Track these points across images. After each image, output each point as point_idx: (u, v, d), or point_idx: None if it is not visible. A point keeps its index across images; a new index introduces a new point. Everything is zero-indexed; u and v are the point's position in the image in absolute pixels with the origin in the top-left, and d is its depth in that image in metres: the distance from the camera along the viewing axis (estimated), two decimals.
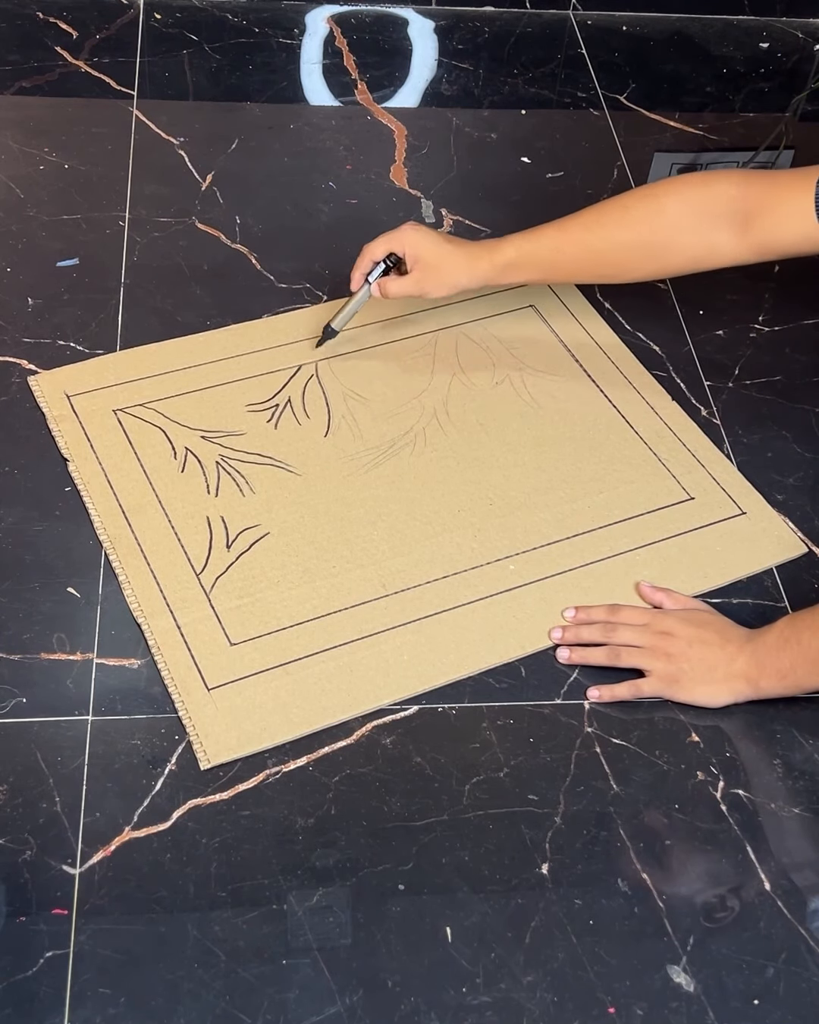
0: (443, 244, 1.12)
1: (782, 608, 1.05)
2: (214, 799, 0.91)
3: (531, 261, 1.12)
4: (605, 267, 1.12)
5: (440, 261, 1.12)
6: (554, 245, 1.11)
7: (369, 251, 1.14)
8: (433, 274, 1.13)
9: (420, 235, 1.12)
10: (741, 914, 0.87)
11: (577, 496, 1.12)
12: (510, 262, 1.12)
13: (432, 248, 1.12)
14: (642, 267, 1.12)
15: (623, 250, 1.10)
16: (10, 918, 0.84)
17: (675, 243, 1.08)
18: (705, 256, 1.09)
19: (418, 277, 1.13)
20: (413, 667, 0.98)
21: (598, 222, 1.10)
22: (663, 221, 1.08)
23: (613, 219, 1.10)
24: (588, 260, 1.12)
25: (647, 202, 1.09)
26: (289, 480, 1.11)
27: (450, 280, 1.13)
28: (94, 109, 1.50)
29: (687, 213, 1.07)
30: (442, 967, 0.83)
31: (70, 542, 1.06)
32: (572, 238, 1.11)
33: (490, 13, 1.71)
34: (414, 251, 1.12)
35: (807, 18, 1.76)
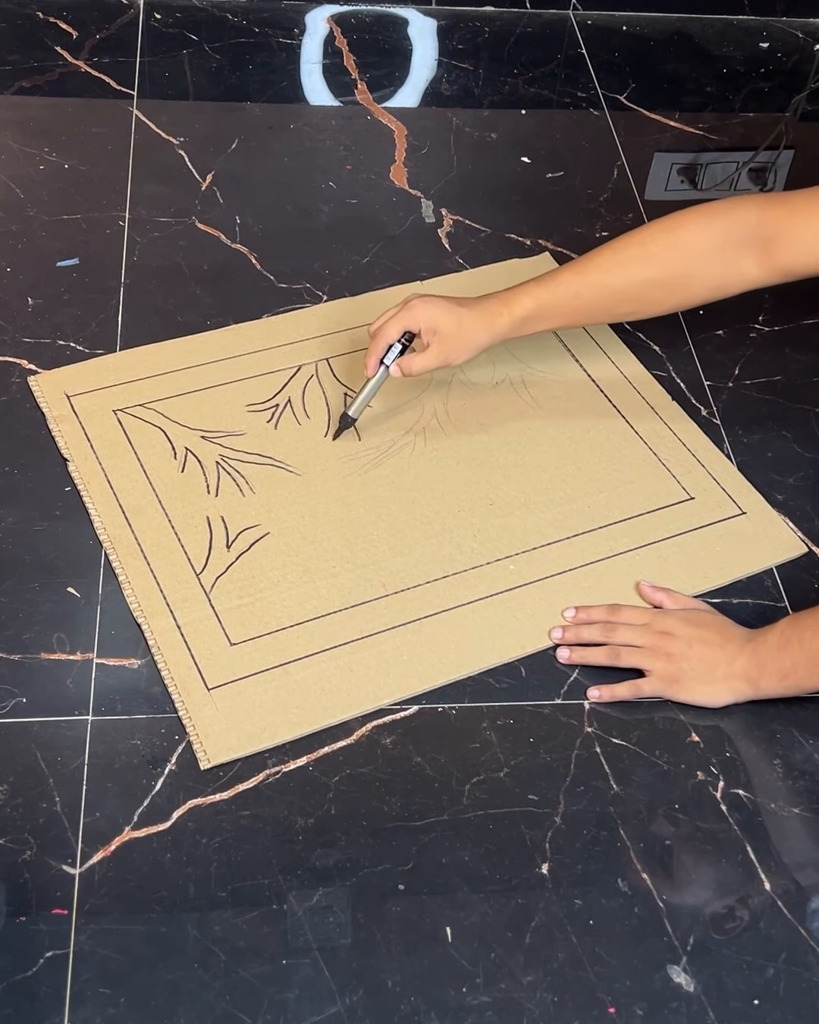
0: (457, 310, 1.08)
1: (782, 608, 1.05)
2: (214, 799, 0.91)
3: (550, 311, 1.09)
4: (627, 305, 1.10)
5: (459, 328, 1.08)
6: (573, 291, 1.08)
7: (382, 334, 1.09)
8: (454, 342, 1.08)
9: (431, 307, 1.08)
10: (741, 914, 0.87)
11: (577, 496, 1.12)
12: (529, 315, 1.08)
13: (447, 317, 1.07)
14: (665, 301, 1.10)
15: (644, 287, 1.08)
16: (10, 918, 0.84)
17: (697, 274, 1.07)
18: (728, 284, 1.07)
19: (439, 350, 1.08)
20: (413, 667, 0.98)
21: (616, 261, 1.07)
22: (684, 254, 1.06)
23: (631, 256, 1.07)
24: (609, 301, 1.09)
25: (665, 236, 1.06)
26: (289, 480, 1.11)
27: (472, 343, 1.09)
28: (94, 109, 1.50)
29: (707, 244, 1.05)
30: (442, 967, 0.83)
31: (70, 542, 1.06)
32: (590, 281, 1.08)
33: (490, 13, 1.71)
34: (430, 324, 1.08)
35: (807, 18, 1.76)
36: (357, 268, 1.33)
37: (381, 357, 1.10)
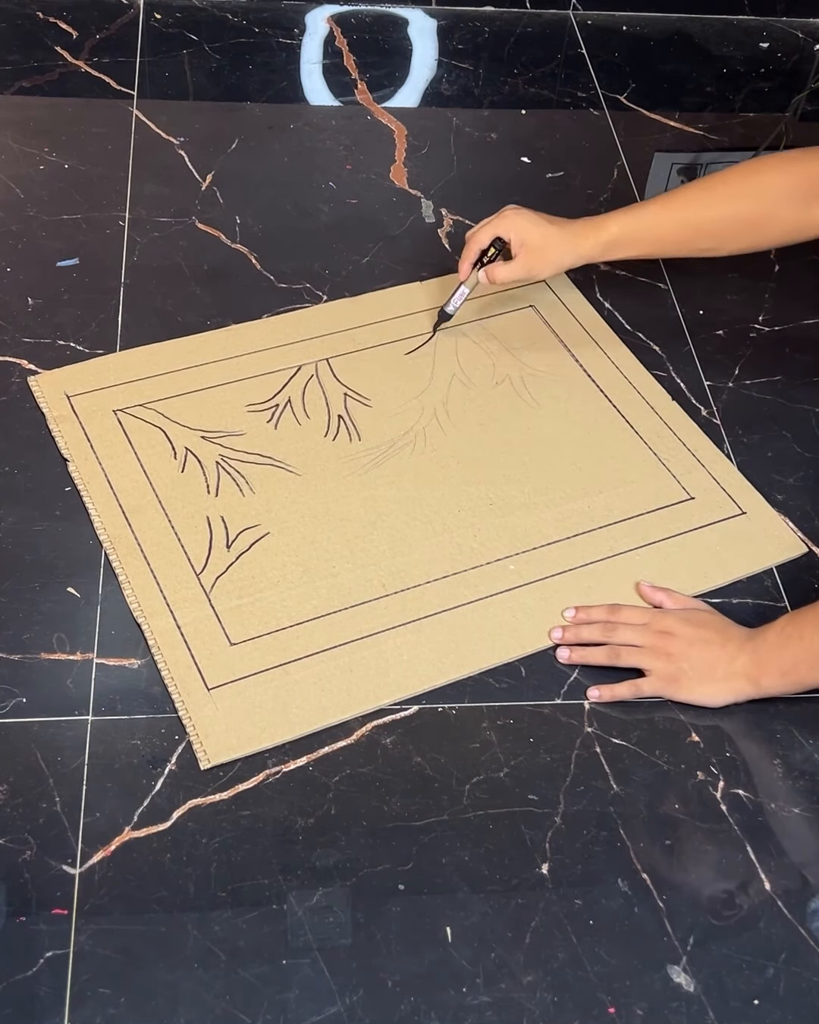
0: (547, 226, 1.14)
1: (782, 608, 1.05)
2: (214, 799, 0.91)
3: (634, 237, 1.14)
4: (705, 240, 1.15)
5: (546, 243, 1.14)
6: (655, 221, 1.14)
7: (475, 239, 1.16)
8: (539, 256, 1.15)
9: (523, 218, 1.14)
10: (741, 914, 0.87)
11: (577, 496, 1.12)
12: (613, 239, 1.14)
13: (537, 231, 1.14)
14: (740, 239, 1.15)
15: (724, 223, 1.13)
16: (10, 918, 0.84)
17: (773, 216, 1.12)
18: (803, 229, 1.13)
19: (525, 260, 1.15)
20: (413, 667, 0.98)
21: (699, 197, 1.14)
22: (762, 194, 1.11)
23: (714, 193, 1.13)
24: (689, 234, 1.15)
25: (747, 177, 1.13)
26: (289, 480, 1.11)
27: (556, 260, 1.15)
28: (94, 109, 1.50)
29: (785, 186, 1.11)
30: (442, 967, 0.83)
31: (70, 542, 1.06)
32: (673, 214, 1.14)
33: (490, 13, 1.71)
34: (520, 235, 1.14)
35: (807, 18, 1.76)
36: (357, 268, 1.33)
37: (473, 262, 1.17)
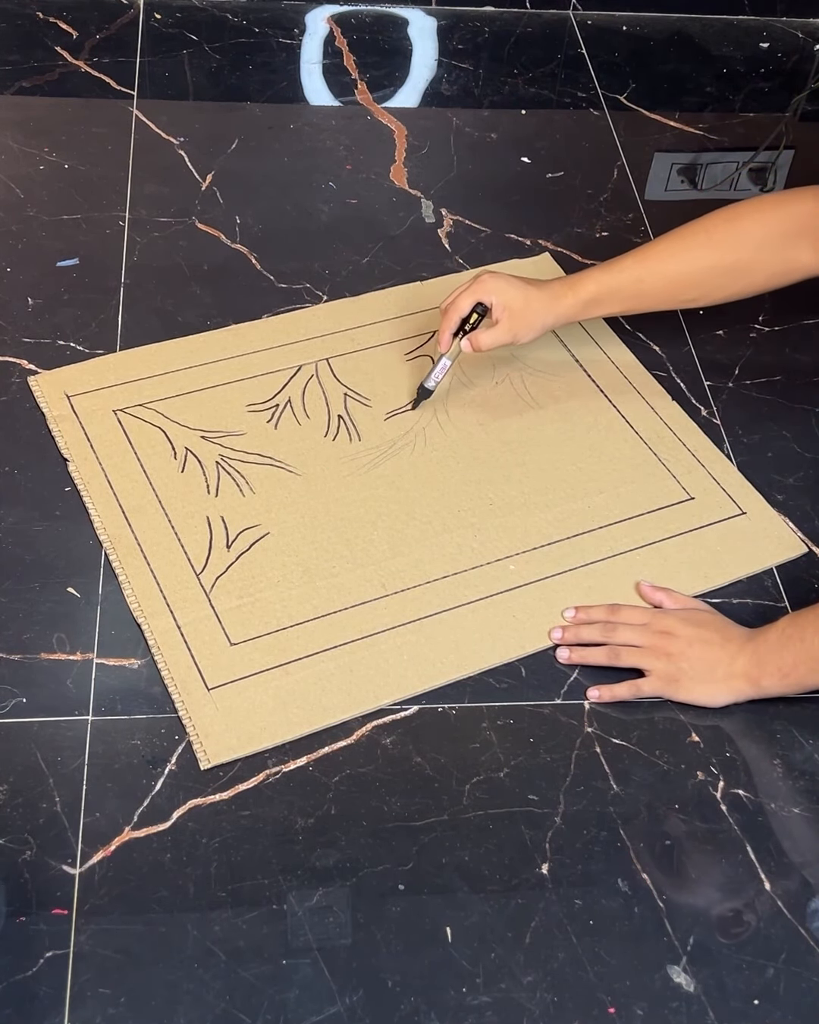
0: (527, 288, 1.11)
1: (782, 608, 1.05)
2: (214, 799, 0.91)
3: (614, 294, 1.12)
4: (688, 291, 1.13)
5: (527, 305, 1.10)
6: (635, 276, 1.11)
7: (455, 308, 1.12)
8: (522, 319, 1.11)
9: (503, 282, 1.11)
10: (741, 914, 0.87)
11: (577, 496, 1.12)
12: (593, 297, 1.11)
13: (518, 294, 1.10)
14: (727, 288, 1.13)
15: (707, 273, 1.11)
16: (10, 918, 0.84)
17: (757, 261, 1.10)
18: (788, 271, 1.11)
19: (509, 325, 1.11)
20: (413, 667, 0.98)
21: (678, 247, 1.11)
22: (744, 241, 1.09)
23: (694, 243, 1.10)
24: (671, 287, 1.12)
25: (727, 224, 1.10)
26: (289, 480, 1.11)
27: (538, 322, 1.12)
28: (94, 109, 1.50)
29: (767, 231, 1.09)
30: (442, 967, 0.83)
31: (70, 542, 1.06)
32: (653, 267, 1.11)
33: (490, 13, 1.71)
34: (501, 299, 1.10)
35: (807, 18, 1.76)
36: (357, 268, 1.33)
37: (454, 332, 1.13)
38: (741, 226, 1.10)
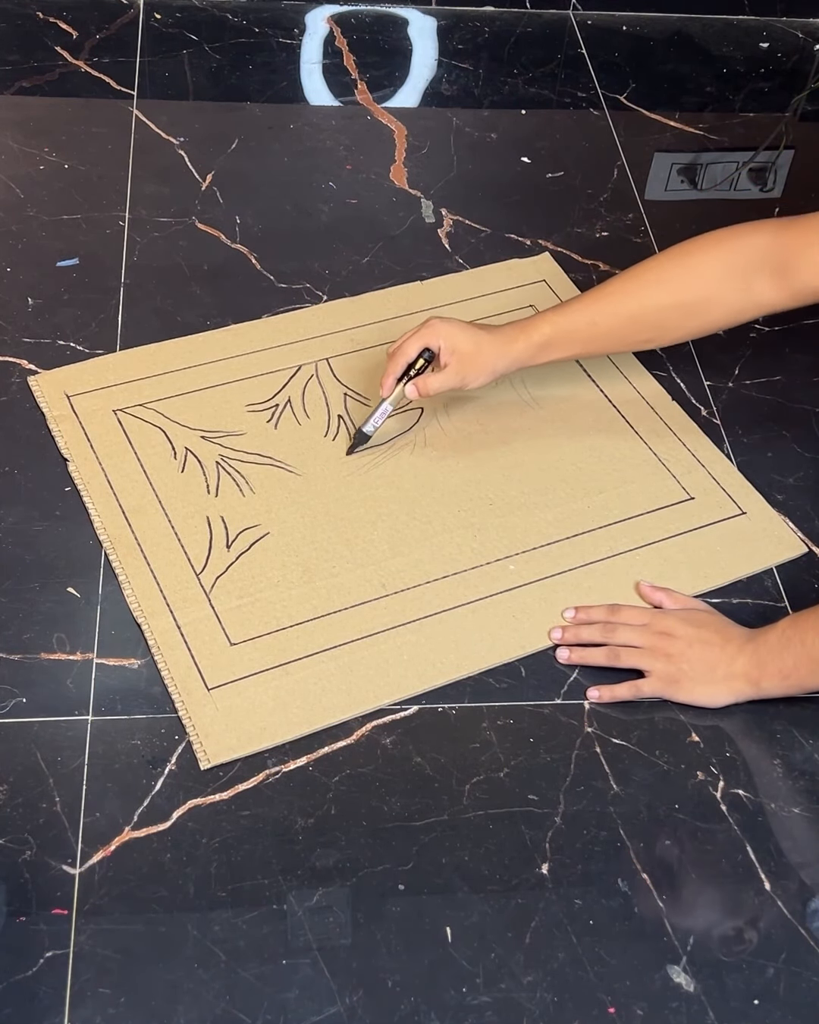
0: (476, 332, 1.09)
1: (782, 608, 1.05)
2: (214, 799, 0.91)
3: (567, 337, 1.09)
4: (645, 332, 1.10)
5: (478, 349, 1.08)
6: (589, 319, 1.08)
7: (401, 353, 1.09)
8: (471, 363, 1.08)
9: (451, 327, 1.08)
10: (741, 914, 0.87)
11: (577, 496, 1.12)
12: (546, 340, 1.08)
13: (467, 337, 1.08)
14: (682, 327, 1.10)
15: (662, 313, 1.08)
16: (10, 918, 0.84)
17: (714, 299, 1.06)
18: (746, 308, 1.07)
19: (457, 369, 1.08)
20: (413, 667, 0.98)
21: (632, 287, 1.08)
22: (699, 279, 1.06)
23: (647, 282, 1.08)
24: (626, 328, 1.09)
25: (681, 260, 1.07)
26: (289, 480, 1.11)
27: (488, 367, 1.09)
28: (94, 109, 1.50)
29: (722, 268, 1.05)
30: (442, 967, 0.83)
31: (70, 542, 1.06)
32: (606, 308, 1.08)
33: (490, 13, 1.71)
34: (450, 343, 1.08)
35: (807, 18, 1.76)
36: (357, 268, 1.33)
37: (399, 377, 1.10)
38: (696, 262, 1.06)
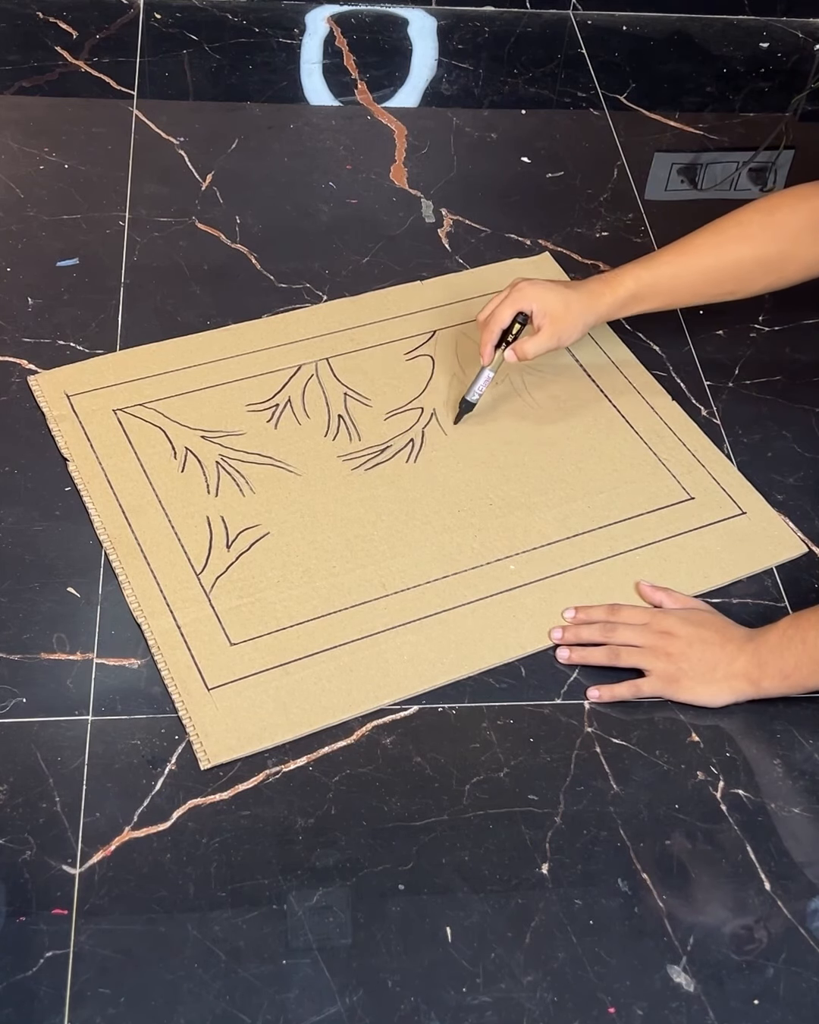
0: (564, 291, 1.11)
1: (782, 608, 1.05)
2: (214, 799, 0.91)
3: (651, 291, 1.12)
4: (725, 285, 1.13)
5: (567, 308, 1.11)
6: (672, 271, 1.11)
7: (495, 320, 1.11)
8: (564, 323, 1.11)
9: (540, 289, 1.11)
10: (741, 915, 0.87)
11: (577, 496, 1.12)
12: (632, 294, 1.12)
13: (556, 298, 1.10)
14: (761, 281, 1.13)
15: (743, 266, 1.11)
16: (10, 918, 0.84)
17: (793, 253, 1.10)
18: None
19: (552, 330, 1.11)
20: (413, 667, 0.98)
21: (714, 242, 1.11)
22: (780, 233, 1.10)
23: (730, 237, 1.11)
24: (708, 281, 1.12)
25: (762, 216, 1.11)
26: (289, 480, 1.11)
27: (580, 323, 1.12)
28: (94, 109, 1.50)
29: (803, 223, 1.09)
30: (442, 967, 0.83)
31: (70, 542, 1.06)
32: (690, 261, 1.11)
33: (490, 13, 1.71)
34: (542, 306, 1.10)
35: (807, 18, 1.76)
36: (357, 268, 1.33)
37: (496, 344, 1.12)
38: (776, 218, 1.10)
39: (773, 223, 1.10)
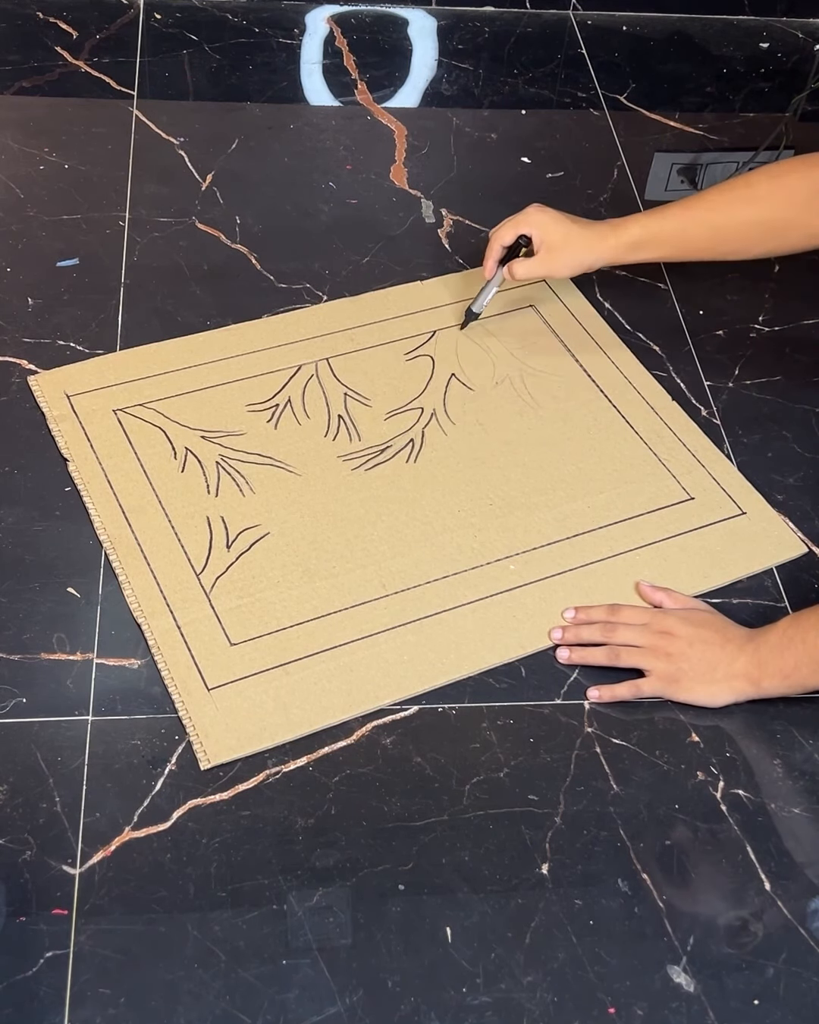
0: (569, 224, 1.14)
1: (782, 608, 1.05)
2: (214, 799, 0.91)
3: (656, 240, 1.14)
4: (728, 244, 1.14)
5: (567, 241, 1.14)
6: (679, 224, 1.13)
7: (498, 237, 1.16)
8: (559, 254, 1.14)
9: (546, 216, 1.14)
10: (741, 914, 0.87)
11: (577, 496, 1.12)
12: (636, 241, 1.14)
13: (558, 229, 1.14)
14: (763, 244, 1.14)
15: (746, 227, 1.12)
16: (10, 918, 0.84)
17: (796, 220, 1.11)
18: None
19: (545, 258, 1.15)
20: (413, 667, 0.98)
21: (723, 200, 1.13)
22: (787, 198, 1.10)
23: (737, 197, 1.12)
24: (712, 238, 1.14)
25: (771, 181, 1.11)
26: (289, 480, 1.11)
27: (576, 259, 1.15)
28: (94, 109, 1.50)
29: (810, 191, 1.09)
30: (442, 967, 0.83)
31: (70, 542, 1.06)
32: (697, 216, 1.13)
33: (490, 13, 1.71)
34: (541, 232, 1.14)
35: (807, 18, 1.76)
36: (357, 268, 1.33)
37: (498, 259, 1.18)
38: (784, 183, 1.11)
39: (781, 187, 1.11)
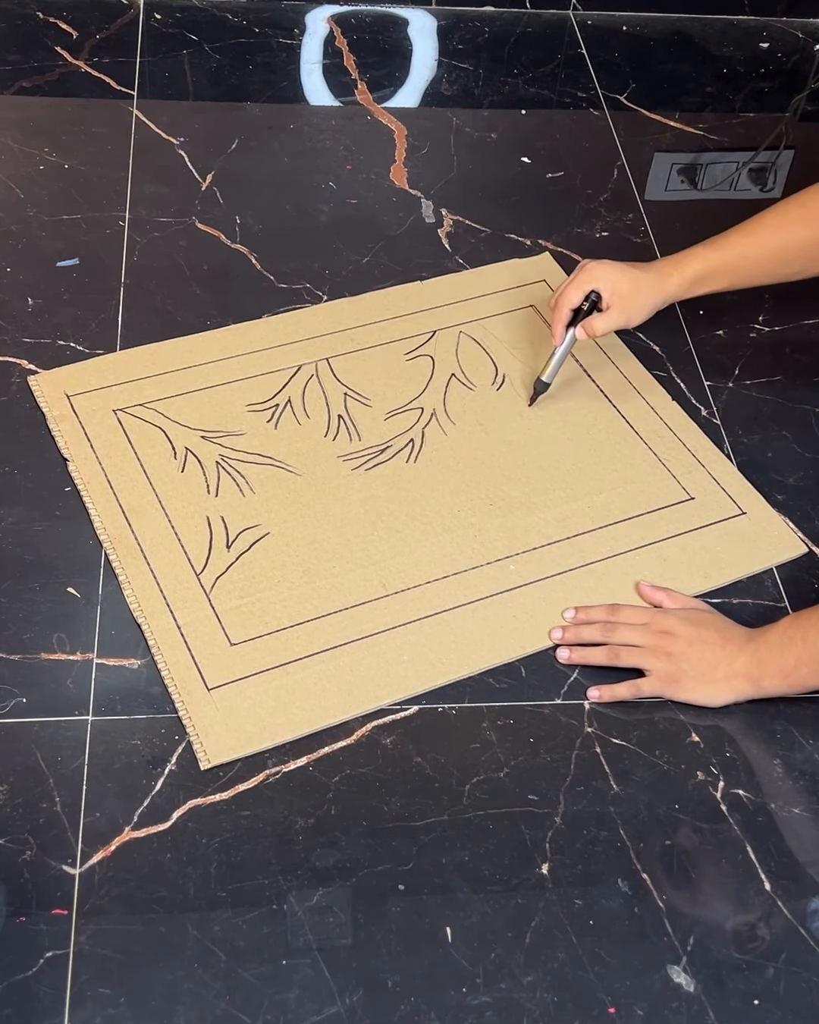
0: (632, 272, 1.13)
1: (782, 608, 1.05)
2: (214, 799, 0.91)
3: (718, 271, 1.13)
4: (792, 265, 1.14)
5: (637, 288, 1.13)
6: (739, 252, 1.13)
7: (565, 300, 1.14)
8: (633, 302, 1.13)
9: (610, 268, 1.13)
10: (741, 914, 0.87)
11: (577, 496, 1.12)
12: (698, 275, 1.13)
13: (626, 278, 1.13)
14: None
15: (807, 247, 1.12)
16: (10, 918, 0.84)
17: None
18: None
19: (621, 308, 1.13)
20: (413, 667, 0.98)
21: (780, 223, 1.13)
22: None
23: (794, 219, 1.12)
24: (774, 261, 1.14)
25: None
26: (289, 480, 1.11)
27: (649, 303, 1.14)
28: (94, 109, 1.50)
29: None
30: (442, 967, 0.83)
31: (70, 542, 1.06)
32: (756, 242, 1.13)
33: (490, 13, 1.71)
34: (611, 285, 1.12)
35: (807, 18, 1.76)
36: (357, 268, 1.33)
37: (567, 324, 1.15)
38: None
39: None
